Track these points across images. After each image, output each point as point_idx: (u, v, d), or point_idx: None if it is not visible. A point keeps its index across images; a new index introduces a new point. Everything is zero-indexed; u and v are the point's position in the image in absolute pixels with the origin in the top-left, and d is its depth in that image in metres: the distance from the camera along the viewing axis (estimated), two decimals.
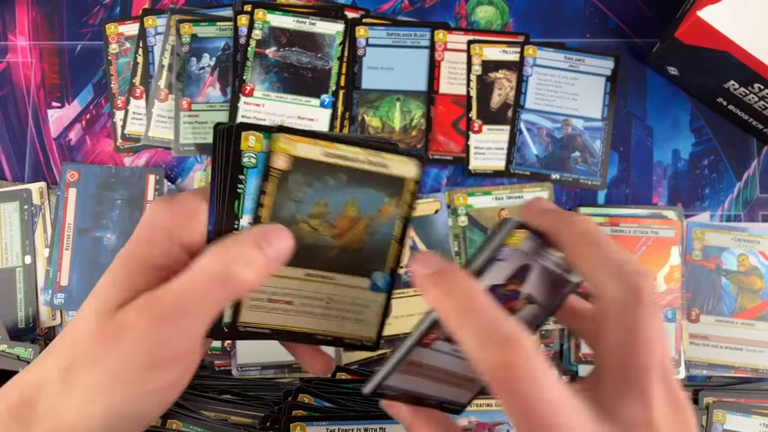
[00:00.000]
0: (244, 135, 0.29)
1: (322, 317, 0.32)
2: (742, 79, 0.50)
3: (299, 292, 0.31)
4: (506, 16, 0.58)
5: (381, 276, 0.32)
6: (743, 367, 0.53)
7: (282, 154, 0.29)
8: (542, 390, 0.22)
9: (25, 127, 0.57)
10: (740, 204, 0.56)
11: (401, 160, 0.30)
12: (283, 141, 0.29)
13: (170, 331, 0.26)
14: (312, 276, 0.31)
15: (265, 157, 0.29)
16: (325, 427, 0.48)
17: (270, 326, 0.31)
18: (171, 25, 0.57)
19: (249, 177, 0.29)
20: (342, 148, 0.29)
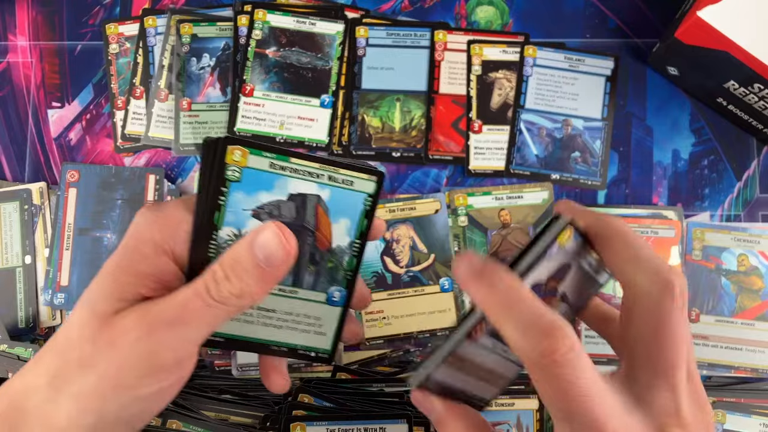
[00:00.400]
0: (229, 149, 0.30)
1: (278, 329, 0.33)
2: (742, 79, 0.50)
3: (258, 304, 0.32)
4: (506, 16, 0.58)
5: (337, 290, 0.33)
6: (743, 367, 0.53)
7: (236, 166, 0.30)
8: (581, 377, 0.23)
9: (26, 127, 0.57)
10: (740, 204, 0.56)
11: (360, 176, 0.31)
12: (237, 152, 0.30)
13: (169, 338, 0.27)
14: (274, 290, 0.32)
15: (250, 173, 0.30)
16: (325, 427, 0.48)
17: (224, 335, 0.32)
18: (171, 25, 0.57)
19: (231, 190, 0.30)
20: (304, 163, 0.31)
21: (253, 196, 0.30)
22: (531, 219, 0.54)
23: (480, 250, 0.54)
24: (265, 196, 0.31)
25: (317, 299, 0.33)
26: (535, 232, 0.30)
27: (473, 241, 0.54)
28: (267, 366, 0.34)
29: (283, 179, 0.31)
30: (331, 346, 0.34)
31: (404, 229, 0.54)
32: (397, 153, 0.56)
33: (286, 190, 0.31)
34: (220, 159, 0.30)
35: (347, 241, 0.32)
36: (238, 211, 0.30)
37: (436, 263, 0.54)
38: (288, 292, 0.32)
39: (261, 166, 0.30)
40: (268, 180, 0.30)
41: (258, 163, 0.30)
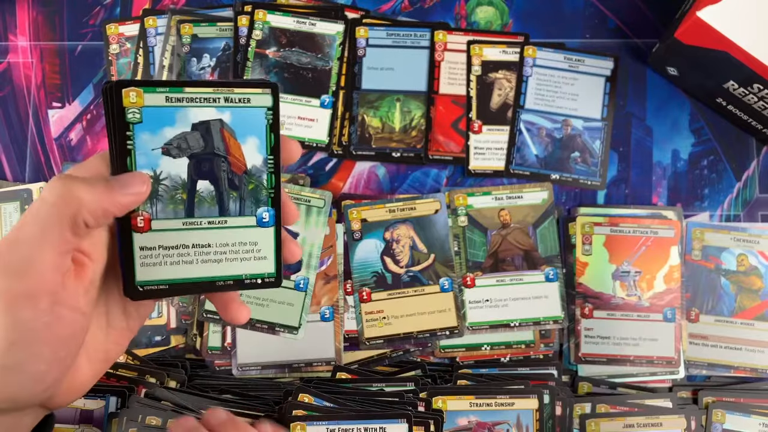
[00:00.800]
0: (125, 92, 0.30)
1: (218, 263, 0.32)
2: (741, 79, 0.50)
3: (188, 241, 0.32)
4: (506, 16, 0.58)
5: (265, 210, 0.33)
6: (742, 366, 0.53)
7: (135, 108, 0.30)
8: None
9: (26, 127, 0.57)
10: (739, 204, 0.56)
11: (255, 91, 0.32)
12: (132, 94, 0.30)
13: (12, 266, 0.27)
14: (197, 224, 0.32)
15: (149, 111, 0.30)
16: (325, 427, 0.48)
17: (167, 281, 0.32)
18: (171, 25, 0.57)
19: (136, 133, 0.30)
20: (195, 90, 0.31)
21: (159, 134, 0.31)
22: (531, 219, 0.54)
23: (480, 250, 0.54)
24: (170, 131, 0.31)
25: (247, 224, 0.33)
26: None
27: (473, 241, 0.54)
28: (222, 301, 0.34)
29: (182, 110, 0.31)
30: (275, 269, 0.33)
31: (404, 229, 0.54)
32: (397, 153, 0.56)
33: (188, 120, 0.31)
34: (118, 104, 0.30)
35: (260, 159, 0.32)
36: (147, 152, 0.31)
37: (436, 263, 0.54)
38: (217, 222, 0.32)
39: (158, 102, 0.30)
40: (168, 115, 0.31)
41: (155, 100, 0.30)
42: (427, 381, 0.52)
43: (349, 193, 0.56)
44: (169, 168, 0.31)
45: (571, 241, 0.54)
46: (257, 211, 0.33)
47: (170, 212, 0.31)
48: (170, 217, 0.31)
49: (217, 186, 0.32)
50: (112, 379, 0.51)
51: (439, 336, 0.53)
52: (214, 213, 0.32)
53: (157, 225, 0.31)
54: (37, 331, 0.27)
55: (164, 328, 0.54)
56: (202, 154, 0.31)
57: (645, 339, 0.53)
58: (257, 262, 0.33)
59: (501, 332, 0.53)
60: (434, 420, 0.49)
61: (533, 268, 0.54)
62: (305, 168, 0.56)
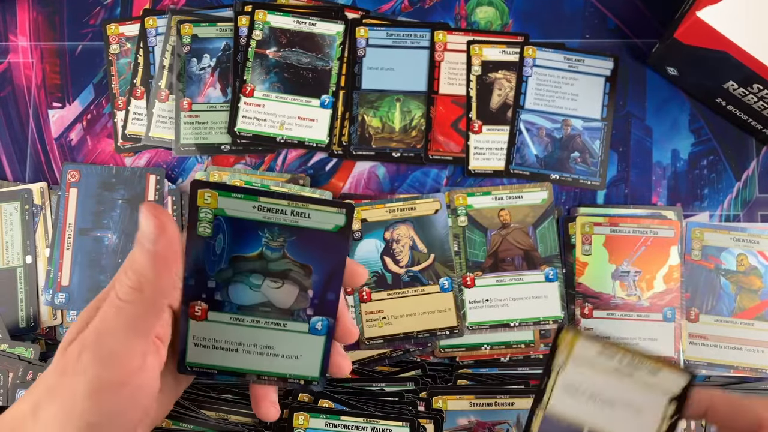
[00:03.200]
0: (199, 192, 0.31)
1: (266, 359, 0.34)
2: (741, 79, 0.50)
3: (240, 336, 0.33)
4: (506, 16, 0.58)
5: (320, 320, 0.34)
6: (742, 366, 0.53)
7: (208, 209, 0.32)
8: None
9: (26, 128, 0.57)
10: (739, 204, 0.56)
11: (329, 210, 0.33)
12: (206, 195, 0.32)
13: (100, 356, 0.28)
14: (252, 322, 0.33)
15: (221, 217, 0.32)
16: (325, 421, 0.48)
17: (215, 366, 0.34)
18: (172, 25, 0.57)
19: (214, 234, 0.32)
20: (270, 202, 0.32)
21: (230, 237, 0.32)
22: (531, 219, 0.55)
23: (480, 250, 0.54)
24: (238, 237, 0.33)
25: (300, 329, 0.34)
26: None
27: (473, 241, 0.54)
28: (257, 395, 0.35)
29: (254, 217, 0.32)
30: (319, 374, 0.34)
31: (404, 229, 0.54)
32: (397, 153, 0.56)
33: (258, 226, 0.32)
34: (192, 201, 0.31)
35: (323, 274, 0.34)
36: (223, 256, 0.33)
37: (435, 263, 0.54)
38: (272, 325, 0.33)
39: (232, 206, 0.32)
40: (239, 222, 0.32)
41: (229, 204, 0.32)
42: (427, 381, 0.52)
43: (349, 193, 0.56)
44: (237, 268, 0.33)
45: (570, 241, 0.54)
46: (312, 319, 0.34)
47: (227, 306, 0.33)
48: (226, 311, 0.33)
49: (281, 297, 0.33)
50: None
51: (439, 336, 0.53)
52: (270, 314, 0.33)
53: (213, 316, 0.33)
54: (114, 416, 0.28)
55: None
56: (275, 260, 0.33)
57: (645, 339, 0.53)
58: (304, 364, 0.34)
59: (501, 332, 0.53)
60: (434, 420, 0.49)
61: (533, 268, 0.54)
62: (305, 168, 0.56)
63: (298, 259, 0.33)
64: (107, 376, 0.28)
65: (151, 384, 0.30)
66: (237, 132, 0.55)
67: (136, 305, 0.28)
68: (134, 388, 0.29)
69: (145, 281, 0.28)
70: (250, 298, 0.33)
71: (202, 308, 0.33)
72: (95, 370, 0.28)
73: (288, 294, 0.33)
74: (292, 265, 0.33)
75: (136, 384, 0.29)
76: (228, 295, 0.33)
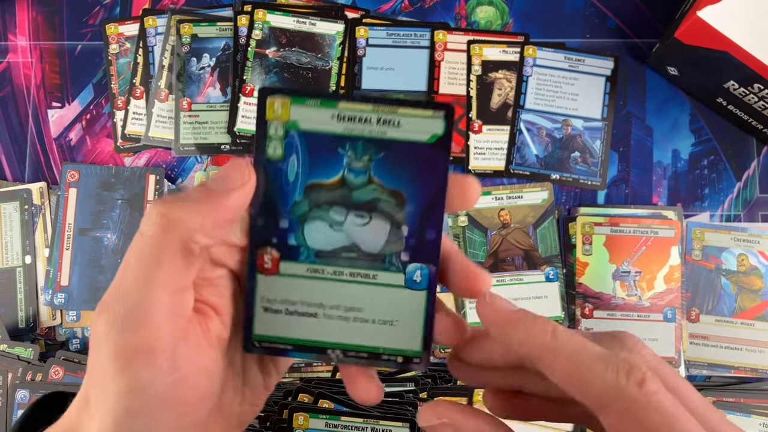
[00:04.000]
0: (269, 101, 0.25)
1: (351, 327, 0.26)
2: (741, 79, 0.50)
3: (318, 293, 0.26)
4: (506, 16, 0.58)
5: (418, 268, 0.26)
6: (743, 367, 0.53)
7: (279, 122, 0.25)
8: None
9: (26, 127, 0.57)
10: (740, 204, 0.56)
11: (424, 113, 0.25)
12: (278, 105, 0.25)
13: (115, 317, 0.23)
14: (336, 274, 0.26)
15: (295, 132, 0.25)
16: (325, 422, 0.48)
17: (287, 339, 0.26)
18: (171, 25, 0.57)
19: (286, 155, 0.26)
20: (351, 107, 0.25)
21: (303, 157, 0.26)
22: (531, 219, 0.54)
23: (480, 250, 0.54)
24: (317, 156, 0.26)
25: (393, 282, 0.26)
26: None
27: (473, 241, 0.54)
28: (349, 372, 0.27)
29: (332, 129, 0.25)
30: (421, 346, 0.26)
31: None
32: None
33: (338, 142, 0.26)
34: (261, 115, 0.25)
35: (420, 202, 0.26)
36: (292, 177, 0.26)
37: None
38: (361, 276, 0.26)
39: (306, 116, 0.25)
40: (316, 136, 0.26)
41: (303, 113, 0.25)
42: (427, 381, 0.52)
43: None
44: (314, 199, 0.26)
45: (571, 241, 0.54)
46: (408, 267, 0.26)
47: (304, 253, 0.26)
48: (303, 260, 0.26)
49: (374, 232, 0.26)
50: None
51: None
52: (356, 262, 0.26)
53: (286, 268, 0.26)
54: (157, 395, 0.23)
55: None
56: (359, 186, 0.26)
57: (645, 339, 0.53)
58: (400, 333, 0.26)
59: None
60: None
61: (533, 268, 0.54)
62: None
63: (387, 183, 0.26)
64: (132, 342, 0.22)
65: (200, 360, 0.24)
66: (237, 132, 0.55)
67: (156, 242, 0.23)
68: (174, 361, 0.23)
69: (178, 211, 0.23)
70: (332, 240, 0.26)
71: (272, 257, 0.26)
72: (113, 335, 0.22)
73: (377, 232, 0.26)
74: (380, 193, 0.26)
75: (176, 356, 0.23)
76: (304, 237, 0.26)
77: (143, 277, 0.22)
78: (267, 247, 0.26)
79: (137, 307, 0.22)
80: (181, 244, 0.23)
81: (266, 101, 0.25)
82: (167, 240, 0.23)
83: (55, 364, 0.51)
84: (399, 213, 0.26)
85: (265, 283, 0.26)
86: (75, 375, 0.51)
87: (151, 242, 0.23)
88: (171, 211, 0.23)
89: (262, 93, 0.25)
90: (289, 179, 0.26)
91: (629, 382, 0.21)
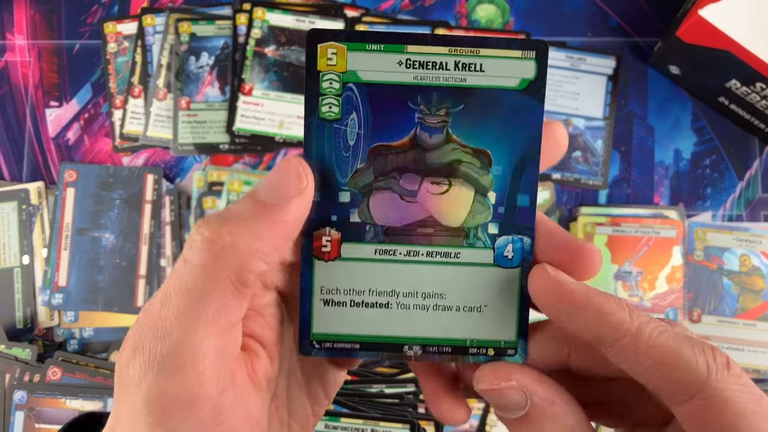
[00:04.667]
0: (320, 48, 0.21)
1: (431, 315, 0.22)
2: (743, 78, 0.49)
3: (397, 281, 0.22)
4: (507, 14, 0.58)
5: (509, 241, 0.22)
6: (745, 367, 0.52)
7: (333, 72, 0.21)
8: None
9: (23, 127, 0.57)
10: (742, 204, 0.56)
11: (508, 54, 0.21)
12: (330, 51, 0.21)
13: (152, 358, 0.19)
14: (415, 255, 0.22)
15: (354, 85, 0.21)
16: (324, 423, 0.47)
17: (353, 337, 0.22)
18: (170, 23, 0.56)
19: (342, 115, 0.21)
20: (423, 50, 0.21)
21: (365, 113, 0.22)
22: None
23: None
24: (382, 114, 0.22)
25: (481, 260, 0.22)
26: None
27: None
28: (431, 387, 0.23)
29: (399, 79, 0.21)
30: (516, 334, 0.22)
31: None
32: None
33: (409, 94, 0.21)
34: (312, 65, 0.21)
35: (509, 160, 0.22)
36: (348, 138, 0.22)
37: None
38: (441, 255, 0.22)
39: (365, 66, 0.21)
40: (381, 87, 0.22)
41: (361, 62, 0.21)
42: None
43: None
44: (380, 166, 0.22)
45: None
46: (498, 241, 0.22)
47: (370, 232, 0.22)
48: (369, 240, 0.22)
49: None
50: (110, 380, 0.50)
51: None
52: (434, 239, 0.22)
53: (349, 251, 0.22)
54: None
55: None
56: (435, 147, 0.22)
57: None
58: (490, 321, 0.22)
59: None
60: (435, 421, 0.48)
61: None
62: None
63: (469, 142, 0.22)
64: (165, 388, 0.19)
65: (246, 407, 0.21)
66: (235, 131, 0.55)
67: (205, 273, 0.19)
68: (217, 411, 0.19)
69: (229, 235, 0.19)
70: (403, 213, 0.22)
71: (332, 240, 0.22)
72: (149, 379, 0.19)
73: (459, 201, 0.22)
74: (461, 153, 0.22)
75: (220, 404, 0.20)
76: (369, 212, 0.22)
77: (188, 313, 0.19)
78: (325, 228, 0.22)
79: (179, 349, 0.19)
80: (234, 274, 0.19)
81: (317, 48, 0.21)
82: (217, 270, 0.19)
83: (53, 364, 0.50)
84: (484, 176, 0.22)
85: (325, 271, 0.22)
86: (73, 376, 0.50)
87: (197, 273, 0.19)
88: (220, 235, 0.19)
89: (311, 38, 0.21)
90: (348, 143, 0.22)
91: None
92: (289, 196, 0.20)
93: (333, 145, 0.21)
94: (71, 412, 0.50)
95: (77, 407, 0.50)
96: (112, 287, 0.53)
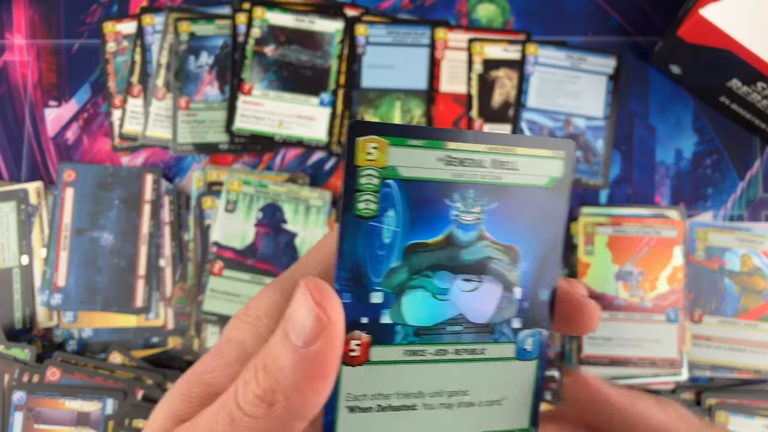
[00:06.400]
0: (360, 143, 0.20)
1: (455, 413, 0.22)
2: (745, 77, 0.49)
3: (425, 382, 0.21)
4: (507, 14, 0.58)
5: (530, 335, 0.22)
6: (746, 368, 0.52)
7: (372, 168, 0.20)
8: None
9: (22, 127, 0.56)
10: (743, 204, 0.56)
11: (540, 154, 0.22)
12: (371, 146, 0.20)
13: None
14: (444, 354, 0.22)
15: (393, 181, 0.20)
16: None
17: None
18: (169, 23, 0.56)
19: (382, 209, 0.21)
20: (462, 148, 0.21)
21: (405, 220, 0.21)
22: None
23: None
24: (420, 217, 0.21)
25: (503, 355, 0.22)
26: None
27: None
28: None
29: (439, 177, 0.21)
30: (529, 422, 0.22)
31: None
32: None
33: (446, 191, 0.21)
34: (350, 159, 0.20)
35: (536, 256, 0.23)
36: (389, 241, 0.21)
37: None
38: (468, 353, 0.22)
39: (406, 162, 0.21)
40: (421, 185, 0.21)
41: (402, 157, 0.20)
42: None
43: None
44: (415, 264, 0.21)
45: (573, 242, 0.54)
46: (520, 335, 0.22)
47: (400, 333, 0.21)
48: (399, 342, 0.21)
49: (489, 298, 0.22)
50: (109, 381, 0.50)
51: None
52: (463, 336, 0.22)
53: (378, 354, 0.21)
54: None
55: (162, 329, 0.53)
56: (469, 244, 0.21)
57: (648, 340, 0.52)
58: (506, 412, 0.22)
59: None
60: None
61: None
62: (304, 167, 0.56)
63: (500, 239, 0.22)
64: None
65: None
66: (235, 131, 0.55)
67: (259, 425, 0.19)
68: None
69: (280, 393, 0.19)
70: (435, 312, 0.21)
71: (361, 343, 0.21)
72: None
73: (488, 298, 0.22)
74: (492, 250, 0.22)
75: None
76: (401, 313, 0.21)
77: None
78: (354, 331, 0.21)
79: None
80: (289, 429, 0.19)
81: (356, 142, 0.20)
82: (273, 421, 0.19)
83: (52, 365, 0.50)
84: (513, 272, 0.22)
85: (352, 376, 0.21)
86: (72, 376, 0.50)
87: (256, 420, 0.19)
88: (283, 383, 0.19)
89: (352, 131, 0.20)
90: (384, 241, 0.21)
91: None
92: (311, 340, 0.19)
93: (368, 243, 0.20)
94: (70, 413, 0.50)
95: (76, 408, 0.50)
96: (111, 287, 0.53)
